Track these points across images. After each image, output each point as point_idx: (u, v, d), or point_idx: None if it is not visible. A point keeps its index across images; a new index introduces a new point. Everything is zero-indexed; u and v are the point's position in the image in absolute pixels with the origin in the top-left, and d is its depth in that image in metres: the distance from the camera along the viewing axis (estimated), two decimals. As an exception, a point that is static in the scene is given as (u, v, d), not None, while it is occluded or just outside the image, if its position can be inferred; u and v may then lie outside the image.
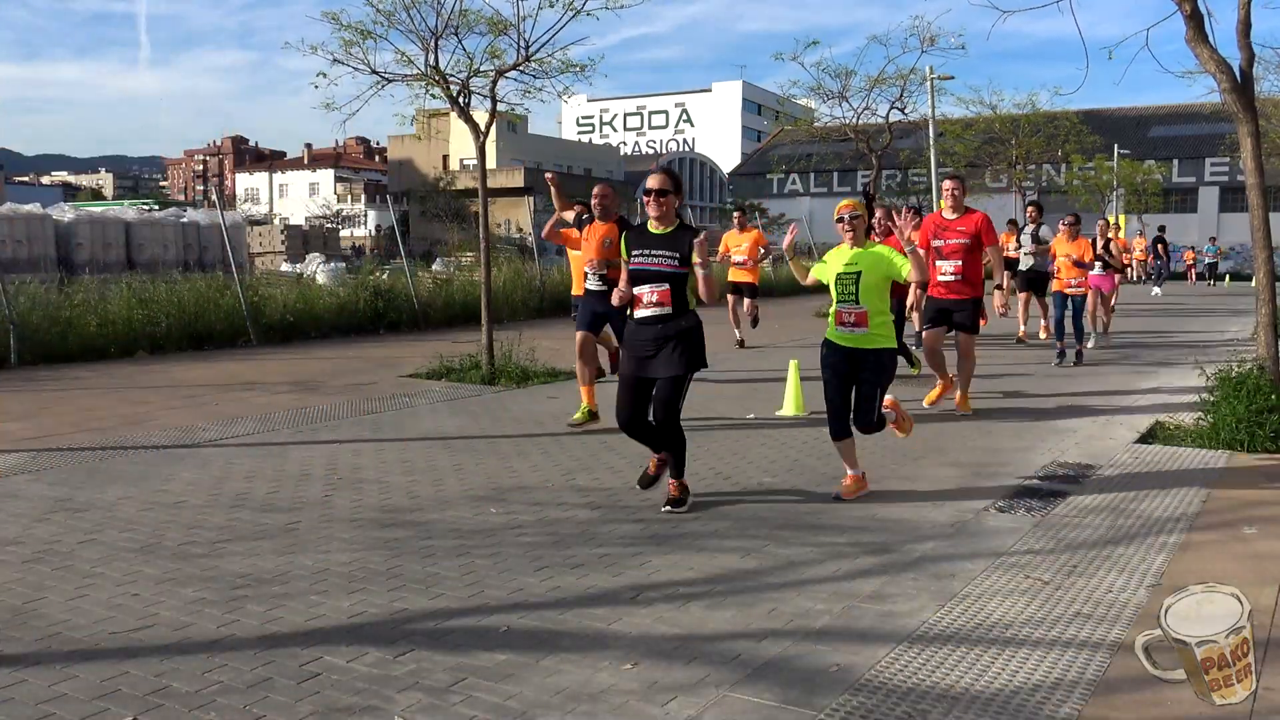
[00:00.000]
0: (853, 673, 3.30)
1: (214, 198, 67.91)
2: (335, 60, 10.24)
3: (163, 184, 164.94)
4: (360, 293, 16.44)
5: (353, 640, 3.59)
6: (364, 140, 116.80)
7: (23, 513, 5.30)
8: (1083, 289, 11.44)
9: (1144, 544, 4.67)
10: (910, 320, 10.26)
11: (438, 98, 10.70)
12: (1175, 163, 52.08)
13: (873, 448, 6.93)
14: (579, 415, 7.77)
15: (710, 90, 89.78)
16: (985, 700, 3.10)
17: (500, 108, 10.64)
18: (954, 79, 34.38)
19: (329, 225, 60.24)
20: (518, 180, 56.69)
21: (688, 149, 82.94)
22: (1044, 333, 14.05)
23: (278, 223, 55.50)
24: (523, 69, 10.26)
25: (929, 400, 8.51)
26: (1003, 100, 31.55)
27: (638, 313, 5.25)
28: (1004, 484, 5.89)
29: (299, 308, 15.30)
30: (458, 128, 27.16)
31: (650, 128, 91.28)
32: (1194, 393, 7.78)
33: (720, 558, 4.53)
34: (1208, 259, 37.39)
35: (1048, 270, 12.56)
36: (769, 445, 7.07)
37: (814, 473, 6.16)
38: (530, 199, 31.79)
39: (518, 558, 4.51)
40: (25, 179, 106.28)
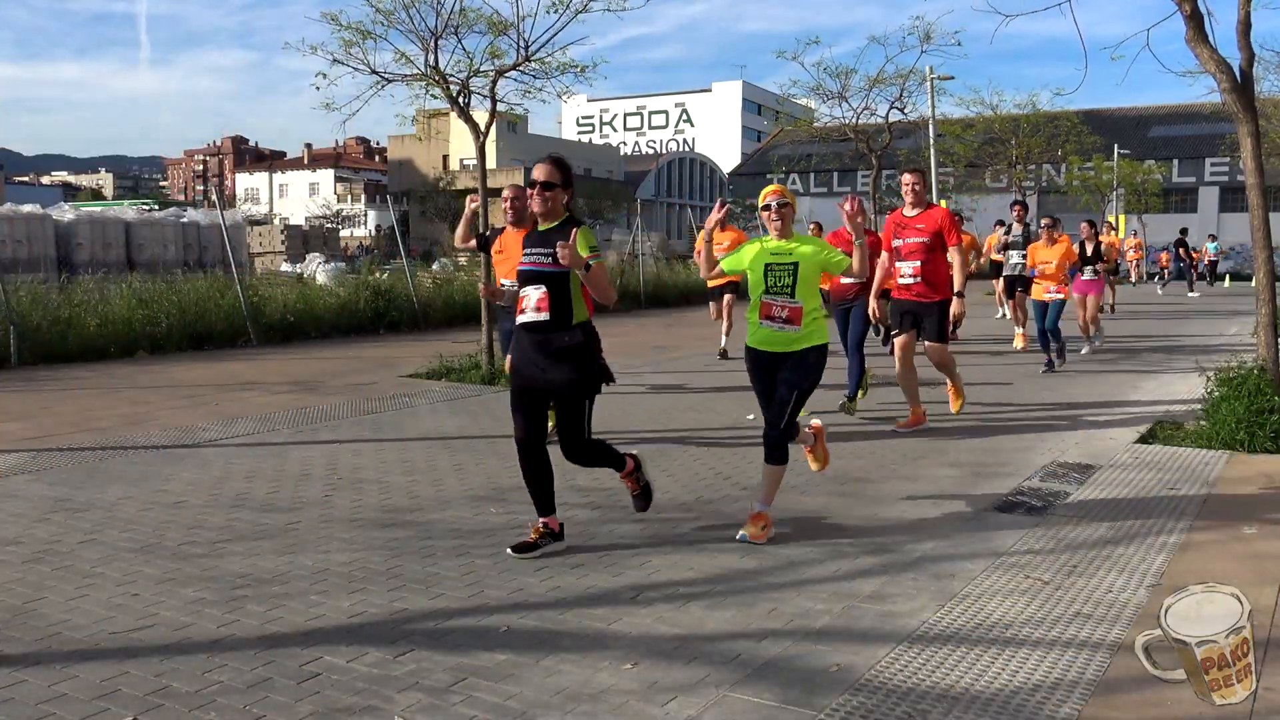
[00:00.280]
0: (853, 673, 3.30)
1: (214, 198, 67.96)
2: (335, 60, 10.27)
3: (163, 184, 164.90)
4: (360, 293, 16.48)
5: (353, 640, 3.59)
6: (364, 140, 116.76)
7: (23, 513, 5.31)
8: (1061, 294, 11.16)
9: (1144, 544, 4.67)
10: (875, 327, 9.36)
11: (438, 98, 10.72)
12: (1175, 163, 52.02)
13: (873, 448, 6.94)
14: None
15: (710, 90, 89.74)
16: (985, 700, 3.10)
17: (500, 108, 10.66)
18: (954, 79, 34.40)
19: (329, 225, 60.25)
20: (518, 180, 56.61)
21: (688, 149, 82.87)
22: (1020, 340, 13.22)
23: (278, 223, 55.51)
24: (523, 69, 10.28)
25: (900, 425, 7.62)
26: (1003, 100, 31.64)
27: (519, 318, 4.70)
28: (1004, 484, 5.89)
29: (299, 308, 15.34)
30: (458, 128, 27.20)
31: (650, 128, 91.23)
32: (1194, 393, 7.78)
33: (720, 558, 4.53)
34: (1209, 257, 37.38)
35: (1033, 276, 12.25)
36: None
37: (813, 473, 6.15)
38: (530, 199, 31.68)
39: (518, 558, 4.51)
40: (25, 179, 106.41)
